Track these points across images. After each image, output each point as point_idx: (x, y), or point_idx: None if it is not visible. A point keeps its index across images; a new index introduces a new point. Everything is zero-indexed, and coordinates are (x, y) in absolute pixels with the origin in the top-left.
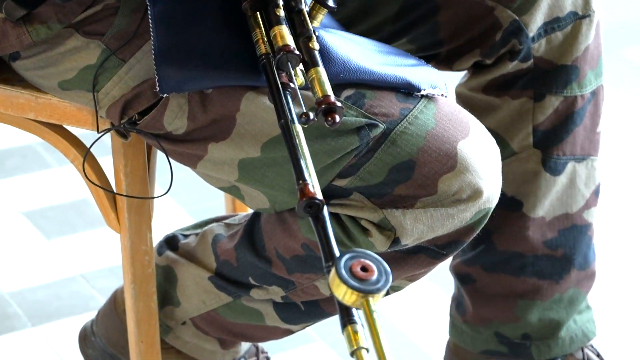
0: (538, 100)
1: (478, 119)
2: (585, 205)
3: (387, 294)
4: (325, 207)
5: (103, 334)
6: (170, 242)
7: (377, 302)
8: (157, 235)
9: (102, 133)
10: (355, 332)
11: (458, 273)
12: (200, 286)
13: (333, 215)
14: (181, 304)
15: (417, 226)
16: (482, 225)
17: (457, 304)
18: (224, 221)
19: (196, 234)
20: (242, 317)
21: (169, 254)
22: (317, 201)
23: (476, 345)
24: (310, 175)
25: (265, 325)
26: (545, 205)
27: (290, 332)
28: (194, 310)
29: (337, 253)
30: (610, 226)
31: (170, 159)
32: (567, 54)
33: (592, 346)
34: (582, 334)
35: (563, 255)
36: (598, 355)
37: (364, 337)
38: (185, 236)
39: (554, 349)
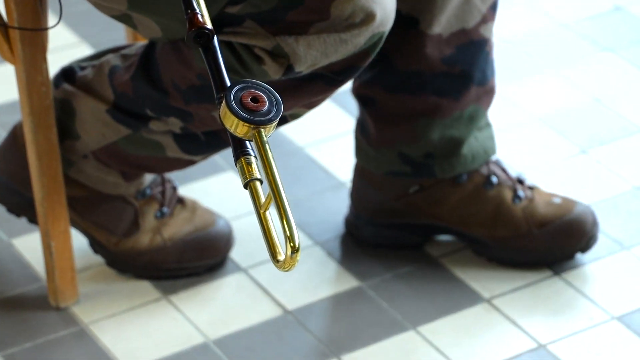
0: None
1: None
2: (481, 20)
3: (286, 121)
4: (215, 37)
5: (5, 170)
6: (67, 74)
7: (270, 133)
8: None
9: None
10: (249, 164)
11: (359, 95)
12: (98, 119)
13: (226, 44)
14: (81, 137)
15: (310, 52)
16: (377, 50)
17: (361, 127)
18: (120, 52)
19: (93, 66)
20: (143, 149)
21: (66, 86)
22: (206, 31)
23: (380, 166)
24: (199, 4)
25: (167, 157)
26: (442, 22)
27: (193, 163)
28: (94, 143)
29: (228, 83)
30: (508, 42)
31: None
32: None
33: (496, 161)
34: (483, 151)
35: (461, 71)
36: (503, 169)
37: (257, 169)
38: (82, 68)
39: (456, 166)
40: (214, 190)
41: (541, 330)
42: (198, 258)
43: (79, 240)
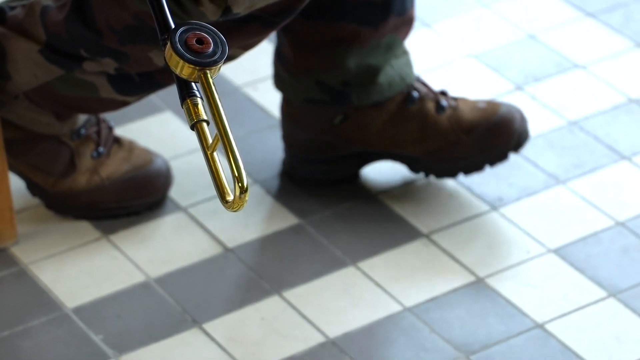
0: None
1: None
2: None
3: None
4: None
5: None
6: None
7: (216, 75)
8: None
9: None
10: (195, 105)
11: None
12: (30, 59)
13: None
14: (12, 77)
15: None
16: None
17: (278, 54)
18: None
19: (23, 6)
20: (76, 90)
21: None
22: None
23: (298, 93)
24: None
25: (100, 97)
26: None
27: (127, 104)
28: (26, 84)
29: (172, 25)
30: None
31: None
32: None
33: (417, 77)
34: (400, 78)
35: (382, 1)
36: (424, 84)
37: (204, 110)
38: (12, 8)
39: (372, 94)
40: (151, 130)
41: (479, 264)
42: (137, 197)
43: (16, 181)
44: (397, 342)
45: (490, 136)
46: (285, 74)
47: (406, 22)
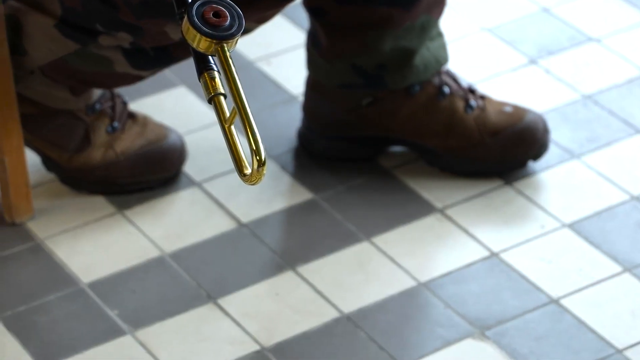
0: None
1: None
2: None
3: None
4: None
5: None
6: None
7: (232, 48)
8: None
9: None
10: (212, 79)
11: (310, 7)
12: (46, 34)
13: None
14: (28, 52)
15: None
16: None
17: (312, 39)
18: None
19: None
20: (91, 65)
21: (12, 2)
22: None
23: (333, 78)
24: None
25: (115, 72)
26: None
27: (141, 78)
28: (41, 58)
29: None
30: None
31: None
32: None
33: (448, 71)
34: (435, 61)
35: None
36: (454, 79)
37: (221, 84)
38: None
39: (408, 76)
40: (165, 105)
41: (493, 238)
42: (151, 172)
43: (32, 156)
44: (412, 317)
45: (513, 143)
46: (319, 60)
47: (439, 2)
